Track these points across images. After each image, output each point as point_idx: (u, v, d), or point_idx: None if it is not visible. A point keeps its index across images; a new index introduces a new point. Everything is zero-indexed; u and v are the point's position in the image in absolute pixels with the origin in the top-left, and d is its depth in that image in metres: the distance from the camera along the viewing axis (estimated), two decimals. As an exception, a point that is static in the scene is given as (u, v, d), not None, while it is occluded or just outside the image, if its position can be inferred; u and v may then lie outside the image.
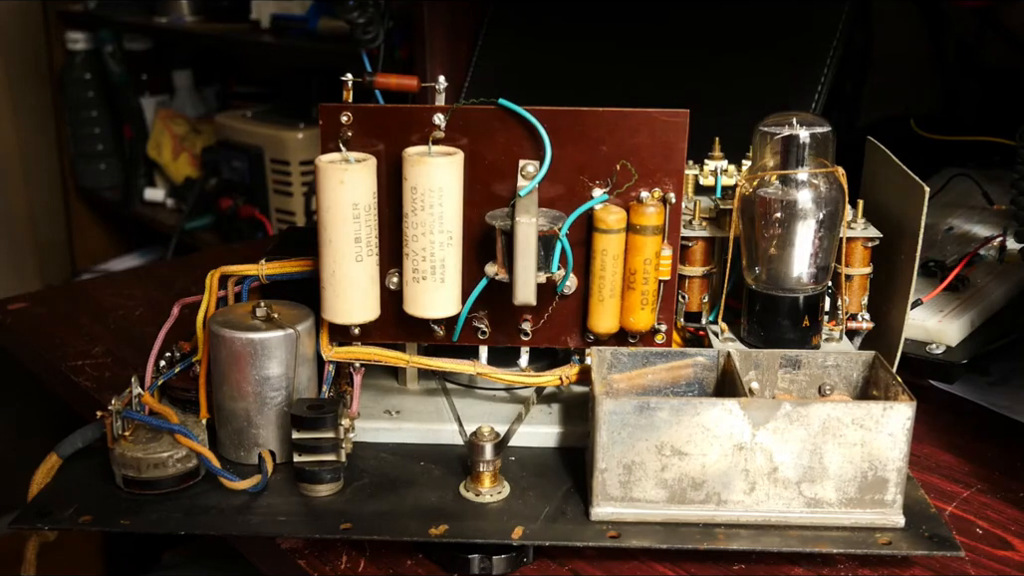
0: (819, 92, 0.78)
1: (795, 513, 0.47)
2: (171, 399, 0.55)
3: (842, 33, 0.79)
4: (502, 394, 0.58)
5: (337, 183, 0.48)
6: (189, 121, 1.50)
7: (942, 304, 0.63)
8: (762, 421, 0.46)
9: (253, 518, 0.48)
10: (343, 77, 0.50)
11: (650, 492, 0.47)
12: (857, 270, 0.55)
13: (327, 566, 0.47)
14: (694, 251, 0.55)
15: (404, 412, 0.56)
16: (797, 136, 0.51)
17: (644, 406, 0.46)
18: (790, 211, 0.51)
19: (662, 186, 0.51)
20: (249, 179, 1.29)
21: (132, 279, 0.95)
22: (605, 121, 0.50)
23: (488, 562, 0.46)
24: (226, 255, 0.93)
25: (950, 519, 0.51)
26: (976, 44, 0.93)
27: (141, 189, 1.53)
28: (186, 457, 0.50)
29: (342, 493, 0.50)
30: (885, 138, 0.59)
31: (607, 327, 0.52)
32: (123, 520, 0.48)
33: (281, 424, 0.51)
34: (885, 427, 0.46)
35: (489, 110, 0.50)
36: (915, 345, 0.61)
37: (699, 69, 0.84)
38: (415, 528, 0.47)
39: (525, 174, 0.50)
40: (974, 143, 0.82)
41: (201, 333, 0.54)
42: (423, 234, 0.49)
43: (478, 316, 0.53)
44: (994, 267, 0.68)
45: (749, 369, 0.51)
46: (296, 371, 0.52)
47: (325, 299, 0.50)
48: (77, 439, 0.52)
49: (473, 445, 0.49)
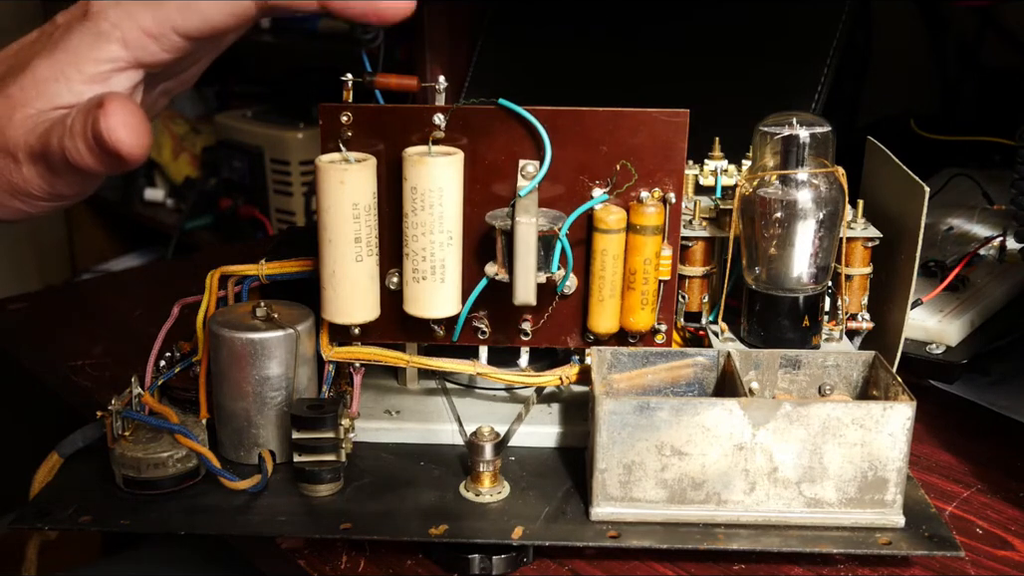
0: (819, 92, 0.78)
1: (795, 513, 0.47)
2: (171, 399, 0.55)
3: (842, 33, 0.79)
4: (502, 394, 0.58)
5: (337, 183, 0.48)
6: (189, 121, 1.50)
7: (942, 304, 0.63)
8: (762, 421, 0.46)
9: (253, 518, 0.48)
10: (343, 77, 0.50)
11: (650, 492, 0.47)
12: (857, 270, 0.55)
13: (327, 566, 0.47)
14: (694, 251, 0.55)
15: (404, 412, 0.56)
16: (797, 136, 0.51)
17: (644, 406, 0.46)
18: (790, 211, 0.51)
19: (662, 186, 0.51)
20: (249, 179, 1.29)
21: (132, 279, 0.95)
22: (605, 121, 0.50)
23: (488, 562, 0.46)
24: (226, 255, 0.93)
25: (950, 519, 0.51)
26: (976, 44, 0.93)
27: (141, 189, 1.53)
28: (186, 457, 0.50)
29: (342, 493, 0.50)
30: (885, 138, 0.59)
31: (607, 327, 0.52)
32: (123, 520, 0.48)
33: (281, 424, 0.51)
34: (885, 427, 0.46)
35: (489, 110, 0.50)
36: (915, 345, 0.61)
37: (699, 69, 0.84)
38: (415, 528, 0.47)
39: (525, 174, 0.50)
40: (974, 143, 0.82)
41: (201, 333, 0.54)
42: (423, 234, 0.49)
43: (478, 316, 0.53)
44: (994, 267, 0.68)
45: (749, 369, 0.51)
46: (296, 371, 0.52)
47: (325, 299, 0.50)
48: (78, 438, 0.52)
49: (473, 445, 0.49)
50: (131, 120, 0.41)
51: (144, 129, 0.42)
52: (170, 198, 1.48)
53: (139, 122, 0.42)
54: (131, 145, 0.41)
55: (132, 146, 0.42)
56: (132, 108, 0.42)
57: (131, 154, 0.42)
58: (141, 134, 0.42)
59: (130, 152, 0.42)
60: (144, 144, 0.42)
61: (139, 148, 0.42)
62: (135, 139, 0.42)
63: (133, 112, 0.42)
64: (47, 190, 0.46)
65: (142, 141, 0.42)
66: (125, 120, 0.41)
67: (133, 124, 0.41)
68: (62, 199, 0.47)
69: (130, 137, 0.41)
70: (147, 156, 0.43)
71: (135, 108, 0.42)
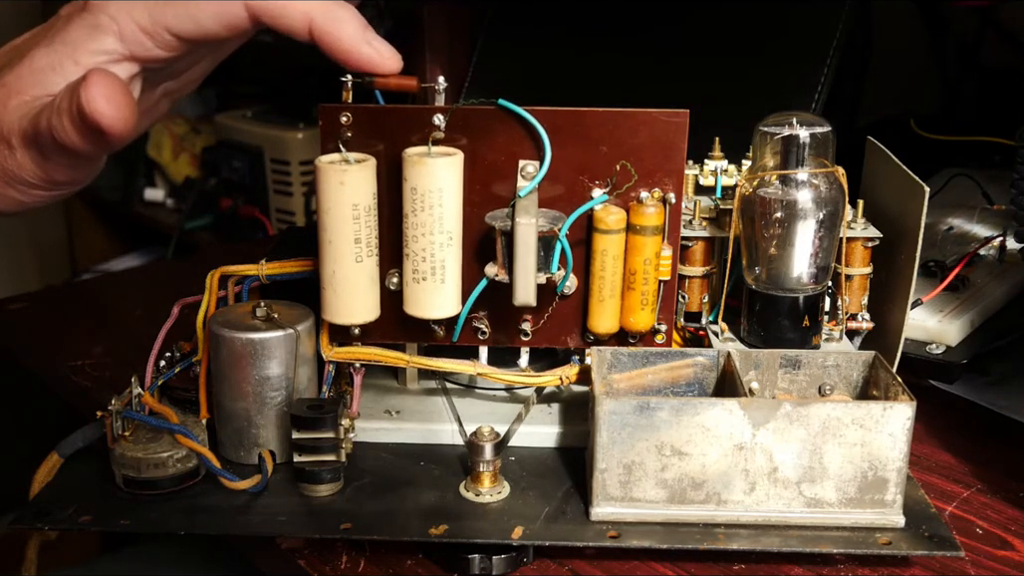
0: (819, 92, 0.78)
1: (795, 513, 0.47)
2: (171, 399, 0.55)
3: (842, 33, 0.79)
4: (502, 394, 0.58)
5: (337, 184, 0.48)
6: (189, 121, 1.50)
7: (942, 304, 0.63)
8: (762, 421, 0.46)
9: (253, 518, 0.48)
10: (343, 77, 0.50)
11: (650, 492, 0.47)
12: (857, 270, 0.55)
13: (327, 566, 0.47)
14: (694, 251, 0.55)
15: (404, 412, 0.56)
16: (797, 136, 0.51)
17: (644, 406, 0.46)
18: (790, 211, 0.51)
19: (662, 186, 0.51)
20: (249, 179, 1.29)
21: (132, 279, 0.95)
22: (605, 121, 0.50)
23: (488, 562, 0.46)
24: (226, 255, 0.93)
25: (950, 519, 0.51)
26: (976, 44, 0.93)
27: (141, 189, 1.53)
28: (186, 457, 0.50)
29: (342, 493, 0.50)
30: (885, 138, 0.59)
31: (607, 327, 0.52)
32: (123, 520, 0.48)
33: (281, 424, 0.51)
34: (885, 427, 0.46)
35: (489, 110, 0.50)
36: (915, 345, 0.61)
37: (699, 69, 0.84)
38: (415, 528, 0.47)
39: (525, 174, 0.50)
40: (974, 143, 0.82)
41: (201, 333, 0.54)
42: (423, 235, 0.49)
43: (478, 316, 0.53)
44: (994, 267, 0.68)
45: (749, 369, 0.51)
46: (296, 371, 0.52)
47: (325, 299, 0.50)
48: (78, 438, 0.52)
49: (473, 445, 0.49)
50: (112, 93, 0.41)
51: (127, 104, 0.42)
52: (170, 198, 1.48)
53: (121, 96, 0.41)
54: (112, 118, 0.41)
55: (113, 119, 0.41)
56: (114, 81, 0.41)
57: (112, 127, 0.41)
58: (122, 107, 0.41)
59: (111, 125, 0.41)
60: (126, 119, 0.41)
61: (120, 122, 0.41)
62: (115, 111, 0.41)
63: (115, 85, 0.41)
64: (40, 176, 0.46)
65: (124, 114, 0.41)
66: (106, 92, 0.41)
67: (114, 97, 0.41)
68: (57, 186, 0.47)
69: (110, 109, 0.41)
70: (130, 134, 0.43)
71: (118, 82, 0.42)
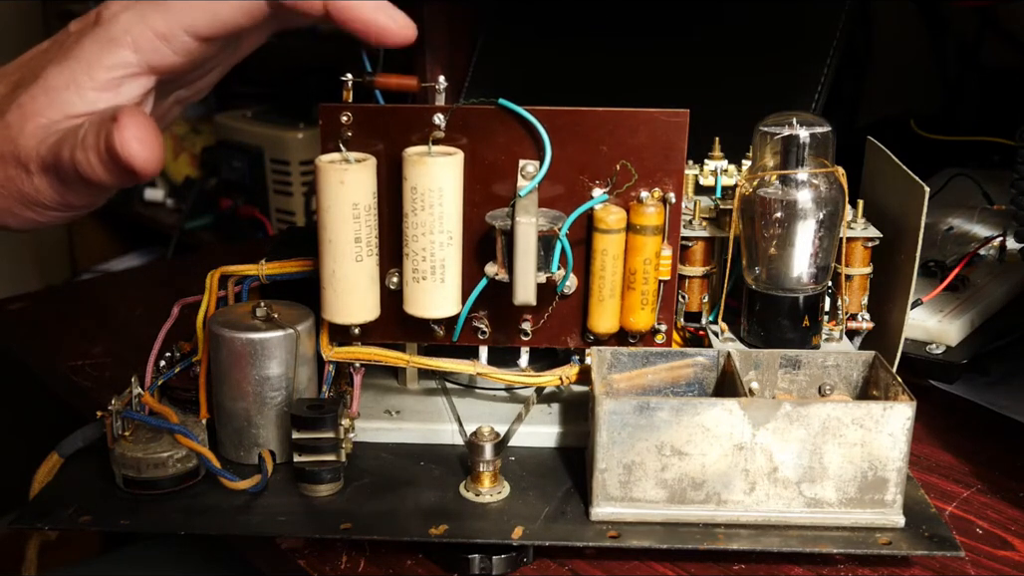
0: (819, 92, 0.78)
1: (795, 513, 0.47)
2: (171, 399, 0.55)
3: (842, 33, 0.79)
4: (502, 394, 0.58)
5: (337, 183, 0.48)
6: (189, 121, 1.49)
7: (942, 304, 0.63)
8: (762, 421, 0.46)
9: (253, 518, 0.48)
10: (343, 77, 0.50)
11: (650, 492, 0.47)
12: (857, 270, 0.55)
13: (327, 566, 0.47)
14: (694, 251, 0.55)
15: (404, 412, 0.56)
16: (797, 136, 0.51)
17: (644, 406, 0.46)
18: (790, 211, 0.51)
19: (662, 186, 0.51)
20: (249, 179, 1.29)
21: (132, 279, 0.95)
22: (605, 121, 0.50)
23: (488, 562, 0.46)
24: (226, 255, 0.93)
25: (950, 519, 0.51)
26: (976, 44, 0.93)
27: (141, 189, 1.52)
28: (186, 457, 0.50)
29: (342, 493, 0.50)
30: (885, 138, 0.59)
31: (607, 327, 0.52)
32: (123, 520, 0.48)
33: (281, 424, 0.51)
34: (885, 427, 0.46)
35: (489, 110, 0.50)
36: (915, 345, 0.61)
37: (699, 69, 0.84)
38: (415, 528, 0.47)
39: (525, 174, 0.50)
40: (974, 143, 0.82)
41: (201, 333, 0.54)
42: (423, 234, 0.49)
43: (478, 316, 0.53)
44: (994, 267, 0.68)
45: (749, 369, 0.51)
46: (296, 371, 0.52)
47: (325, 299, 0.50)
48: (78, 438, 0.52)
49: (473, 445, 0.49)
50: (145, 134, 0.41)
51: (157, 143, 0.42)
52: (170, 198, 1.48)
53: (153, 136, 0.42)
54: (145, 159, 0.41)
55: (146, 160, 0.41)
56: (146, 122, 0.42)
57: (144, 168, 0.42)
58: (154, 148, 0.42)
59: (143, 167, 0.41)
60: (157, 158, 0.42)
61: (153, 163, 0.42)
62: (148, 153, 0.41)
63: (147, 126, 0.41)
64: (58, 200, 0.45)
65: (155, 155, 0.42)
66: (139, 134, 0.41)
67: (147, 139, 0.41)
68: (72, 209, 0.47)
69: (144, 151, 0.41)
70: (160, 170, 0.43)
71: (149, 122, 0.42)
